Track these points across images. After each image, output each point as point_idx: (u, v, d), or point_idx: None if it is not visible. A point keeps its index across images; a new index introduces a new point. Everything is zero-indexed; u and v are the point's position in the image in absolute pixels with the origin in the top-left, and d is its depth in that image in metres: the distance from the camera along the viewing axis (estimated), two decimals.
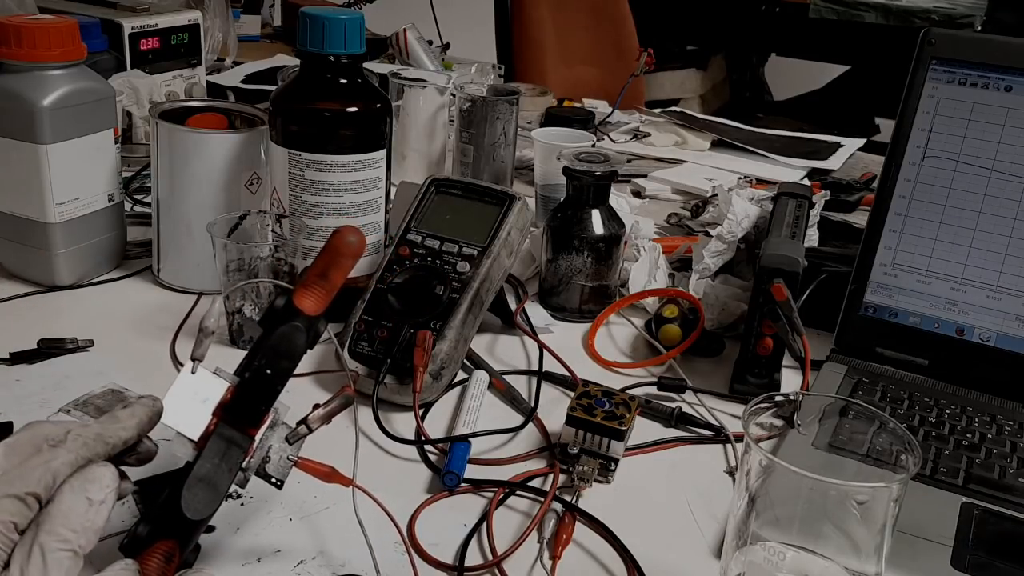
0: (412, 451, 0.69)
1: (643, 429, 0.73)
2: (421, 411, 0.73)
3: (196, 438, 0.49)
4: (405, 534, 0.58)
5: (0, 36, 0.81)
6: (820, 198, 1.01)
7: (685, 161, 1.41)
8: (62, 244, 0.86)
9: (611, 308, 0.91)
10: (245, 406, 0.49)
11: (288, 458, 0.51)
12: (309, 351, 0.51)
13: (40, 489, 0.42)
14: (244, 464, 0.49)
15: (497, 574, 0.57)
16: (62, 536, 0.41)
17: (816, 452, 0.64)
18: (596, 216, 0.89)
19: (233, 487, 0.49)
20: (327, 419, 0.53)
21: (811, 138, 1.57)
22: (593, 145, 1.10)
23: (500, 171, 1.19)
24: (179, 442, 0.49)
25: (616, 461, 0.67)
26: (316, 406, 0.53)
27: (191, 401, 0.49)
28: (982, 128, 0.78)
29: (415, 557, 0.57)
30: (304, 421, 0.52)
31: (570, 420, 0.68)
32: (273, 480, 0.51)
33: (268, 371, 0.49)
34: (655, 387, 0.79)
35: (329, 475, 0.53)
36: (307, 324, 0.49)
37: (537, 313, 0.90)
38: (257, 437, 0.50)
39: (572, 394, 0.70)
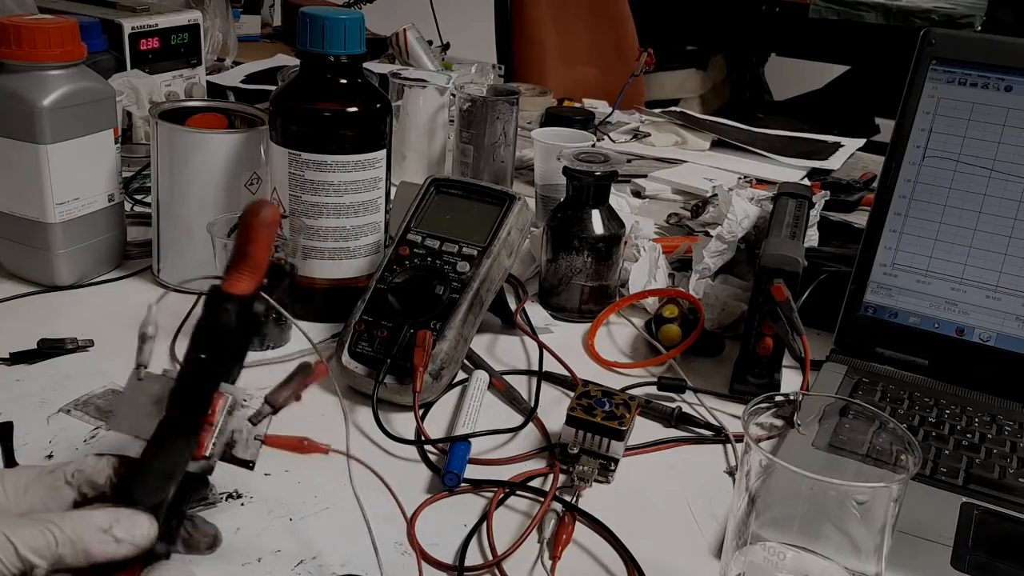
0: (412, 451, 0.69)
1: (643, 429, 0.73)
2: (421, 411, 0.73)
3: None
4: (406, 531, 0.58)
5: (0, 36, 0.81)
6: (820, 198, 1.01)
7: (685, 161, 1.41)
8: (62, 244, 0.86)
9: (611, 308, 0.91)
10: (188, 392, 0.49)
11: (255, 438, 0.51)
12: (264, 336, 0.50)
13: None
14: (208, 452, 0.49)
15: (497, 574, 0.57)
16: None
17: (816, 452, 0.64)
18: (596, 216, 0.89)
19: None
20: (292, 394, 0.51)
21: (811, 138, 1.57)
22: (593, 145, 1.10)
23: (500, 171, 1.19)
24: (138, 445, 0.49)
25: (616, 461, 0.67)
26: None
27: (143, 405, 0.49)
28: (982, 128, 0.78)
29: (417, 557, 0.57)
30: (265, 399, 0.51)
31: (570, 420, 0.68)
32: (242, 460, 0.51)
33: (202, 355, 0.49)
34: (655, 387, 0.79)
35: (301, 445, 0.52)
36: (238, 304, 0.49)
37: (537, 313, 0.90)
38: (215, 423, 0.50)
39: (572, 394, 0.70)
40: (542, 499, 0.63)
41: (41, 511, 0.45)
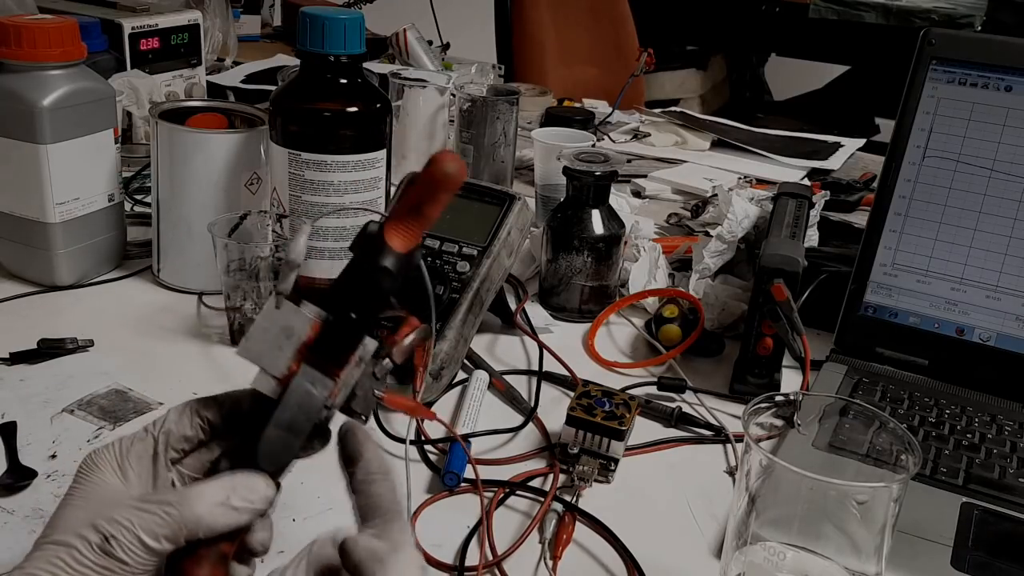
0: (412, 451, 0.69)
1: (643, 429, 0.73)
2: None
3: (279, 375, 0.46)
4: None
5: (0, 36, 0.81)
6: (820, 198, 1.01)
7: (685, 161, 1.41)
8: (62, 244, 0.86)
9: (611, 308, 0.91)
10: (329, 348, 0.46)
11: (374, 393, 0.49)
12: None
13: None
14: (329, 403, 0.47)
15: (497, 574, 0.57)
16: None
17: (816, 452, 0.64)
18: (596, 216, 0.89)
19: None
20: (408, 352, 0.49)
21: (811, 138, 1.57)
22: (593, 145, 1.10)
23: (500, 171, 1.19)
24: (262, 378, 0.46)
25: (616, 461, 0.67)
26: (390, 338, 0.49)
27: (275, 336, 0.46)
28: (982, 128, 0.78)
29: None
30: (388, 355, 0.49)
31: (570, 420, 0.68)
32: (356, 412, 0.49)
33: (352, 315, 0.46)
34: (655, 387, 0.79)
35: (414, 408, 0.54)
36: (395, 264, 0.45)
37: (537, 313, 0.90)
38: (342, 376, 0.47)
39: (572, 394, 0.70)
40: (542, 499, 0.63)
41: (145, 481, 0.45)
